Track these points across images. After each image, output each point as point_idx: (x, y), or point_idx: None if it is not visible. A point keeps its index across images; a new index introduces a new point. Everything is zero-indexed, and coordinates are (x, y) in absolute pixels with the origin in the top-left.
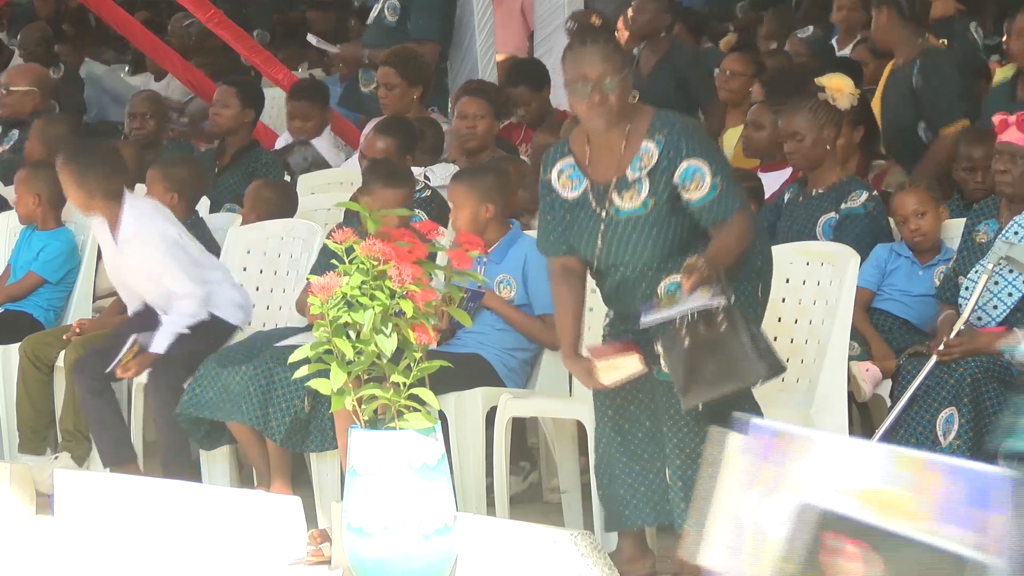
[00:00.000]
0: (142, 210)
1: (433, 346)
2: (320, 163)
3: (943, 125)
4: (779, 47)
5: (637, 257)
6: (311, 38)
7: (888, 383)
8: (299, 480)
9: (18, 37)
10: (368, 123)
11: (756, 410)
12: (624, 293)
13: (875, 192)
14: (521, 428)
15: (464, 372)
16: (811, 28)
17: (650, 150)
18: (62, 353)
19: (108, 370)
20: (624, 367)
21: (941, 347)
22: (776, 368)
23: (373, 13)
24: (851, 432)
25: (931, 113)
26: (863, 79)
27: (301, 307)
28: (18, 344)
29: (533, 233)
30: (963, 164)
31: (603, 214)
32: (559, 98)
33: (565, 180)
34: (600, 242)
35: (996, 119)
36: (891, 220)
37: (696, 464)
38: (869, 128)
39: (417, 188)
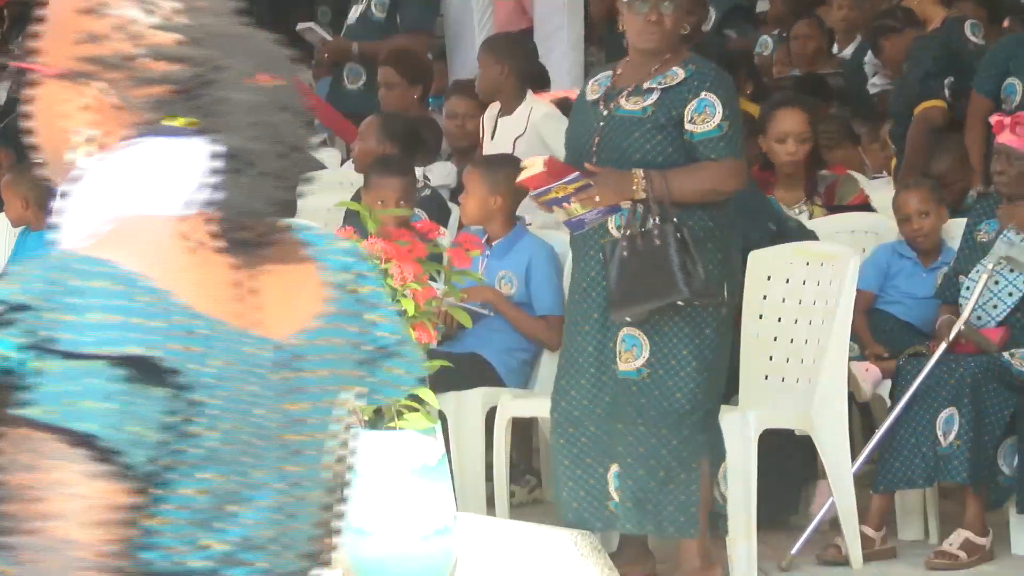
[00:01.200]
0: None
1: (433, 345)
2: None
3: (917, 105)
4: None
5: (621, 160)
6: (306, 25)
7: (888, 383)
8: None
9: (20, 38)
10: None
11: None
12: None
13: None
14: (528, 436)
15: (464, 372)
16: None
17: (677, 73)
18: None
19: None
20: (530, 166)
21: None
22: (703, 294)
23: (355, 12)
24: (851, 432)
25: (913, 96)
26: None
27: None
28: None
29: (538, 232)
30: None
31: (605, 112)
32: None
33: (595, 86)
34: (597, 138)
35: (993, 119)
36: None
37: (649, 466)
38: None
39: (417, 187)
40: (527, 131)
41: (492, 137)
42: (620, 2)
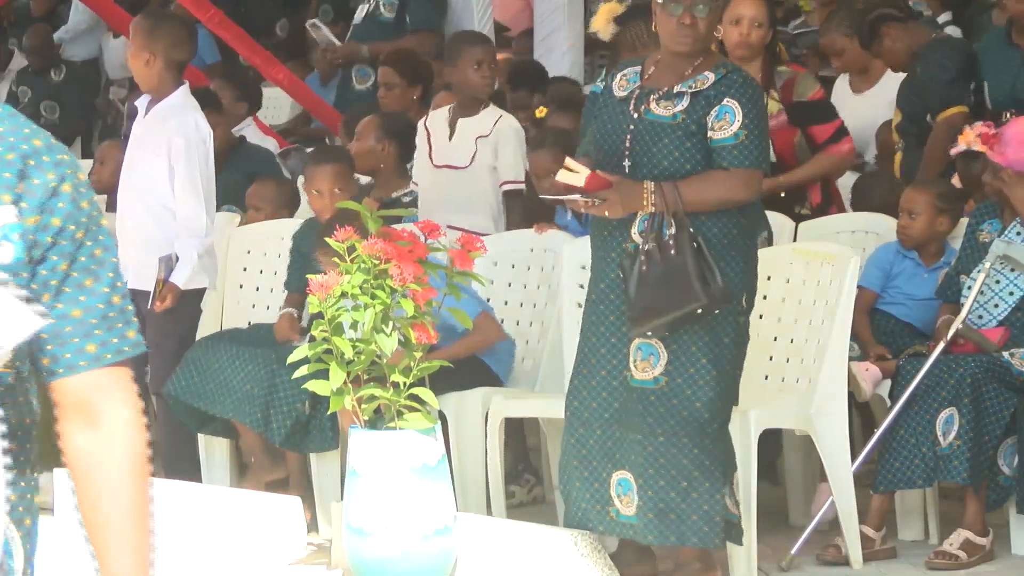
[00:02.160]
0: (191, 102)
1: (433, 344)
2: None
3: (939, 112)
4: None
5: (651, 165)
6: (315, 24)
7: (888, 383)
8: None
9: (22, 39)
10: None
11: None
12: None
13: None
14: (525, 436)
15: (464, 372)
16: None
17: (708, 77)
18: None
19: (149, 307)
20: (574, 171)
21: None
22: (718, 301)
23: (362, 12)
24: (851, 432)
25: (930, 101)
26: None
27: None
28: None
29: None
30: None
31: (635, 115)
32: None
33: (624, 82)
34: (629, 140)
35: (981, 133)
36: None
37: (670, 477)
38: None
39: (405, 192)
40: (491, 135)
41: (451, 138)
42: (655, 2)
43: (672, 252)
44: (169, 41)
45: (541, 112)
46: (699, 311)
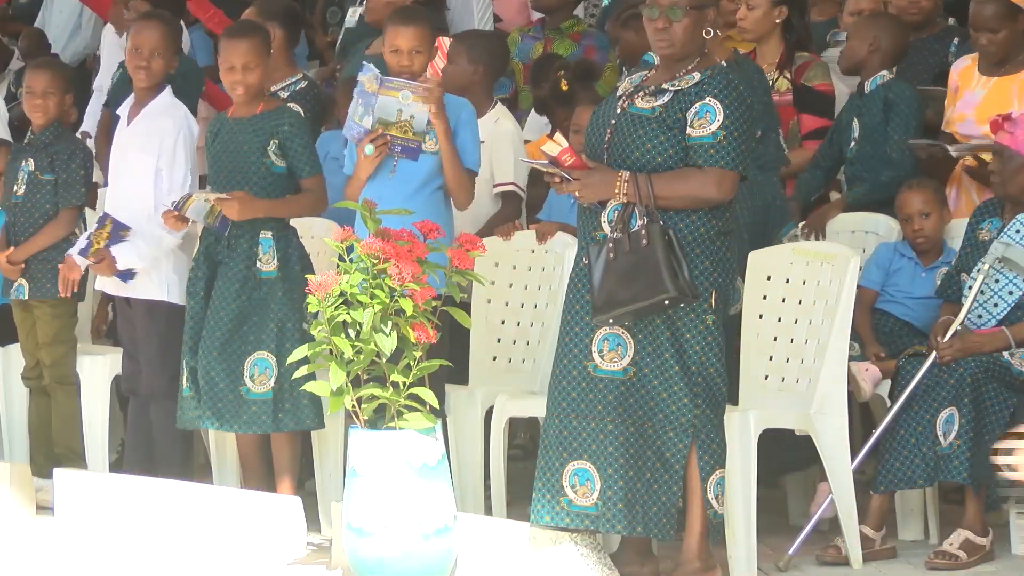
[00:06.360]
0: (176, 101)
1: (434, 343)
2: None
3: None
4: None
5: (624, 155)
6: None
7: (888, 383)
8: (299, 480)
9: (18, 38)
10: None
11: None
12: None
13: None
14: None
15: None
16: None
17: (694, 76)
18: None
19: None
20: (556, 143)
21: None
22: (686, 295)
23: (353, 14)
24: (851, 432)
25: None
26: None
27: None
28: (17, 344)
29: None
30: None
31: (619, 109)
32: None
33: (628, 84)
34: (609, 133)
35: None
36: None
37: (637, 468)
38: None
39: (293, 80)
40: (488, 141)
41: None
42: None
43: (644, 242)
44: (174, 42)
45: (564, 85)
46: (666, 302)
